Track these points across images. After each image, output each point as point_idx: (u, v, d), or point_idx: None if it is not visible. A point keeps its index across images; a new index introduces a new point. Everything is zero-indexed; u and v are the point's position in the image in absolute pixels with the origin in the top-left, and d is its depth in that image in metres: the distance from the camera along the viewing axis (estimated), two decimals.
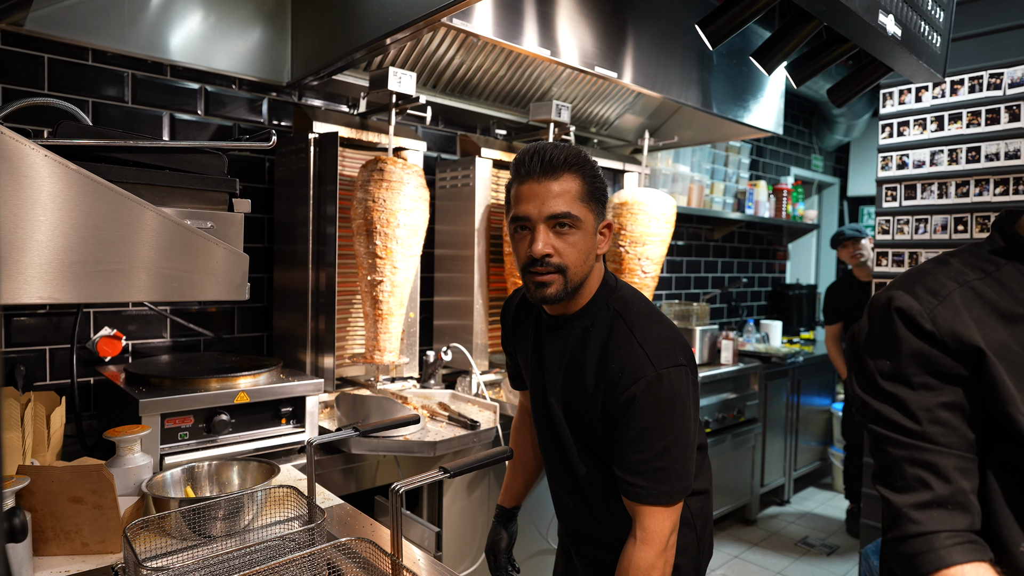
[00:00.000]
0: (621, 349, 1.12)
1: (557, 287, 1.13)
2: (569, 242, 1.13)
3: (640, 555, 1.08)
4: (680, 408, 1.09)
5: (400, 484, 0.91)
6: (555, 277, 1.13)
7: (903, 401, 0.83)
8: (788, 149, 5.30)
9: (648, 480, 1.08)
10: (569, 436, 1.24)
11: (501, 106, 2.77)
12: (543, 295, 1.14)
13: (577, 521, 1.33)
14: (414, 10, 1.66)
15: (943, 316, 0.82)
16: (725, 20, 1.57)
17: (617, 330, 1.15)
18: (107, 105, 1.95)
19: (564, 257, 1.12)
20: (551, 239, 1.12)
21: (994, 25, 2.21)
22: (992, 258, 0.89)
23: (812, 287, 5.27)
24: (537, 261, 1.12)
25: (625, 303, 1.19)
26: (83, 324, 1.90)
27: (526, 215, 1.13)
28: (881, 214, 2.50)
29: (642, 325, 1.15)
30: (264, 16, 2.20)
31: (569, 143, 1.20)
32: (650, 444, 1.08)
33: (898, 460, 0.83)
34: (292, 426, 1.76)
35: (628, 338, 1.13)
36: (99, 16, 1.88)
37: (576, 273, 1.14)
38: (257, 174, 2.25)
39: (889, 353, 0.85)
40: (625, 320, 1.16)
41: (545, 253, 1.11)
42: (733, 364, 3.59)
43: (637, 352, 1.11)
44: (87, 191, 0.98)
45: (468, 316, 2.48)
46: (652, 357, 1.10)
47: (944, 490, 0.79)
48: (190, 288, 1.11)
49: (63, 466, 1.09)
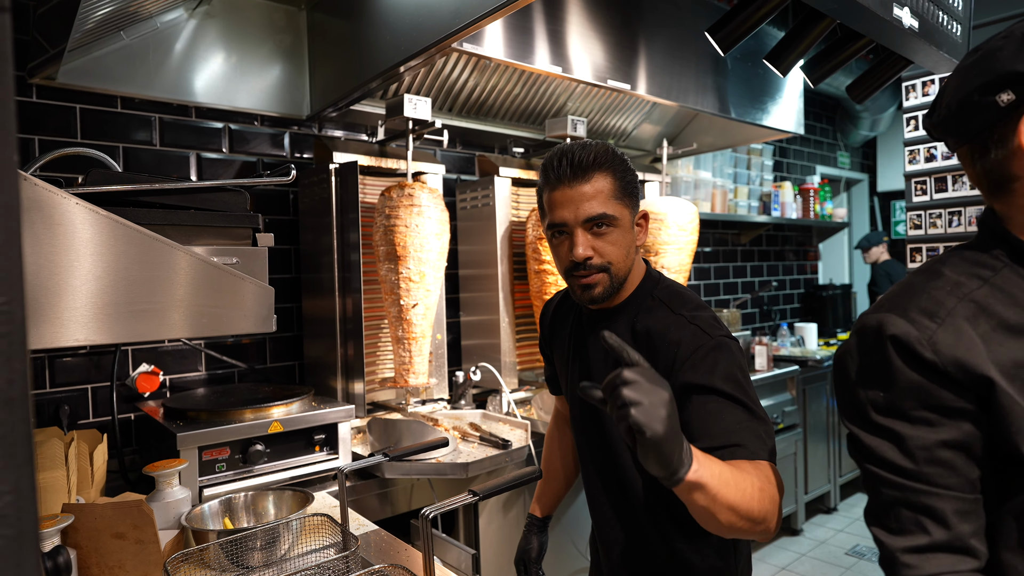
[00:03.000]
0: (672, 330, 1.10)
1: (603, 286, 1.13)
2: (609, 241, 1.12)
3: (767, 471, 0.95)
4: (744, 372, 1.05)
5: (429, 509, 0.91)
6: (600, 277, 1.13)
7: (899, 437, 0.73)
8: (812, 148, 5.22)
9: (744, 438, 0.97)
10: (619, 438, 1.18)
11: (517, 124, 2.79)
12: (591, 296, 1.14)
13: (614, 532, 1.24)
14: (425, 37, 1.69)
15: (944, 342, 0.71)
16: (734, 26, 1.57)
17: (664, 316, 1.13)
18: (137, 149, 2.02)
19: (606, 256, 1.12)
20: (590, 241, 1.11)
21: (1016, 10, 2.16)
22: (987, 261, 0.78)
23: (847, 287, 5.15)
24: (580, 264, 1.12)
25: (670, 292, 1.18)
26: (122, 361, 1.96)
27: (563, 221, 1.12)
28: (912, 208, 2.45)
29: (689, 308, 1.14)
30: (282, 53, 2.27)
31: (595, 141, 1.18)
32: (732, 408, 1.00)
33: (893, 501, 0.74)
34: (326, 453, 1.78)
35: (678, 319, 1.11)
36: (126, 65, 1.95)
37: (620, 269, 1.14)
38: (282, 206, 2.31)
39: (883, 384, 0.75)
40: (671, 307, 1.15)
41: (586, 256, 1.11)
42: (768, 370, 3.53)
43: (690, 328, 1.09)
44: (117, 235, 1.01)
45: (495, 335, 2.49)
46: (706, 329, 1.08)
47: (942, 536, 0.71)
48: (219, 323, 1.14)
49: (105, 503, 1.12)
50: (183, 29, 2.06)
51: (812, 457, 3.86)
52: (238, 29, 2.17)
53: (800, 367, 3.74)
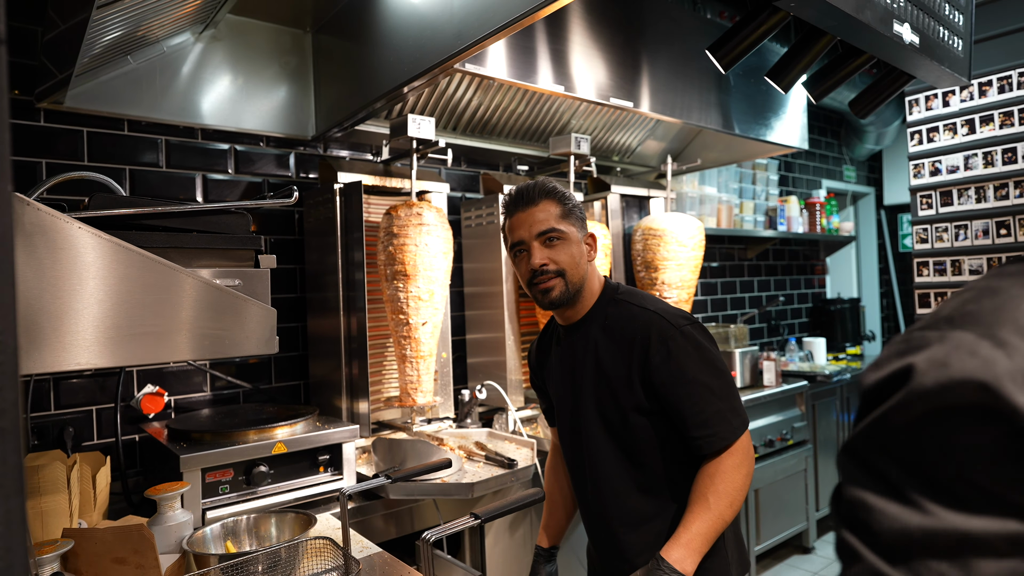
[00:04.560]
0: (638, 320, 1.30)
1: (560, 288, 1.33)
2: (559, 251, 1.33)
3: (724, 461, 1.23)
4: (709, 355, 1.26)
5: (430, 533, 0.90)
6: (556, 281, 1.33)
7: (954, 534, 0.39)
8: (817, 162, 5.22)
9: (711, 427, 1.23)
10: (600, 433, 1.34)
11: (521, 142, 2.80)
12: (550, 299, 1.34)
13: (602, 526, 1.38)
14: (428, 58, 1.71)
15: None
16: (734, 43, 1.57)
17: (629, 310, 1.34)
18: (144, 171, 2.04)
19: (559, 262, 1.33)
20: (544, 251, 1.33)
21: (1018, 24, 2.16)
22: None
23: (855, 300, 5.11)
24: (538, 272, 1.33)
25: (629, 293, 1.38)
26: (127, 382, 1.96)
27: (520, 239, 1.35)
28: (918, 223, 2.43)
29: (650, 301, 1.35)
30: (288, 75, 2.29)
31: (541, 179, 1.41)
32: (699, 395, 1.23)
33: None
34: (330, 474, 1.77)
35: (642, 312, 1.31)
36: (133, 88, 1.98)
37: (573, 274, 1.34)
38: (287, 226, 2.32)
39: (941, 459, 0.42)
40: (634, 303, 1.35)
41: (542, 263, 1.32)
42: (777, 385, 3.49)
43: (655, 318, 1.29)
44: (119, 259, 1.02)
45: (500, 352, 2.48)
46: (670, 319, 1.28)
47: None
48: (221, 345, 1.14)
49: (105, 527, 1.12)
50: (190, 53, 2.09)
51: (823, 473, 3.80)
52: (244, 52, 2.20)
53: (809, 382, 3.70)
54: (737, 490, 1.23)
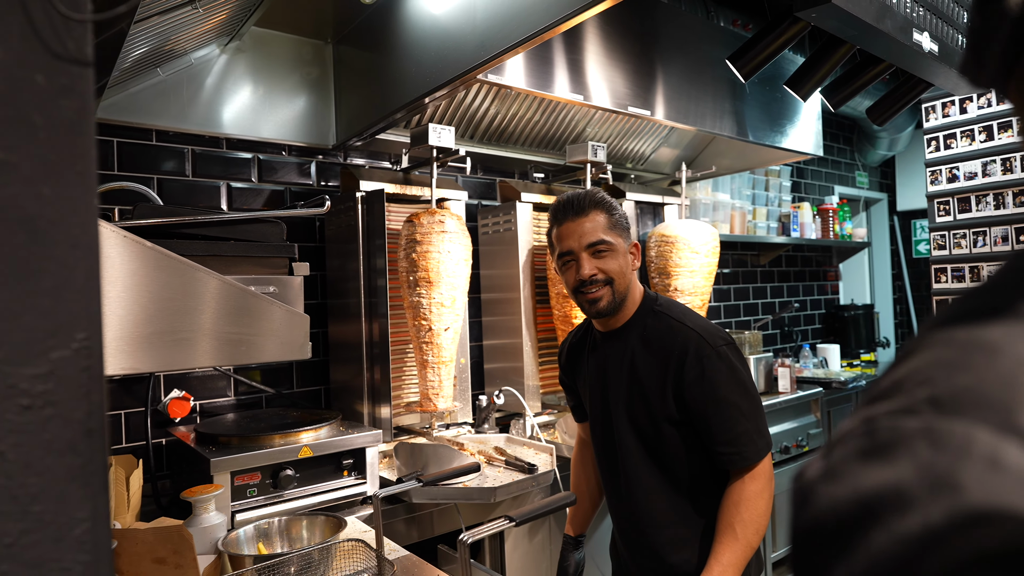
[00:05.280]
0: (678, 336, 1.33)
1: (607, 299, 1.37)
2: (608, 261, 1.37)
3: (748, 487, 1.27)
4: (741, 377, 1.30)
5: (467, 535, 0.92)
6: (604, 290, 1.36)
7: None
8: (830, 168, 5.22)
9: (736, 446, 1.27)
10: (631, 440, 1.38)
11: (537, 150, 2.83)
12: (598, 308, 1.37)
13: (632, 527, 1.43)
14: (450, 70, 1.74)
15: None
16: (754, 53, 1.60)
17: (669, 324, 1.36)
18: (170, 180, 2.08)
19: (608, 271, 1.36)
20: (593, 262, 1.36)
21: None
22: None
23: (869, 307, 5.09)
24: (586, 282, 1.36)
25: (668, 306, 1.41)
26: (153, 387, 1.99)
27: (570, 249, 1.38)
28: (935, 229, 2.44)
29: (689, 318, 1.37)
30: (309, 85, 2.33)
31: (589, 189, 1.44)
32: (727, 414, 1.27)
33: None
34: (354, 478, 1.80)
35: (682, 328, 1.34)
36: (161, 99, 2.02)
37: (620, 284, 1.37)
38: (309, 234, 2.35)
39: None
40: (673, 316, 1.37)
41: (591, 274, 1.35)
42: (791, 392, 3.49)
43: (694, 335, 1.32)
44: (161, 266, 1.05)
45: (518, 358, 2.50)
46: (708, 339, 1.31)
47: None
48: (256, 351, 1.17)
49: (145, 528, 1.15)
50: (215, 64, 2.13)
51: None
52: (267, 63, 2.24)
53: (824, 389, 3.69)
54: (761, 516, 1.29)
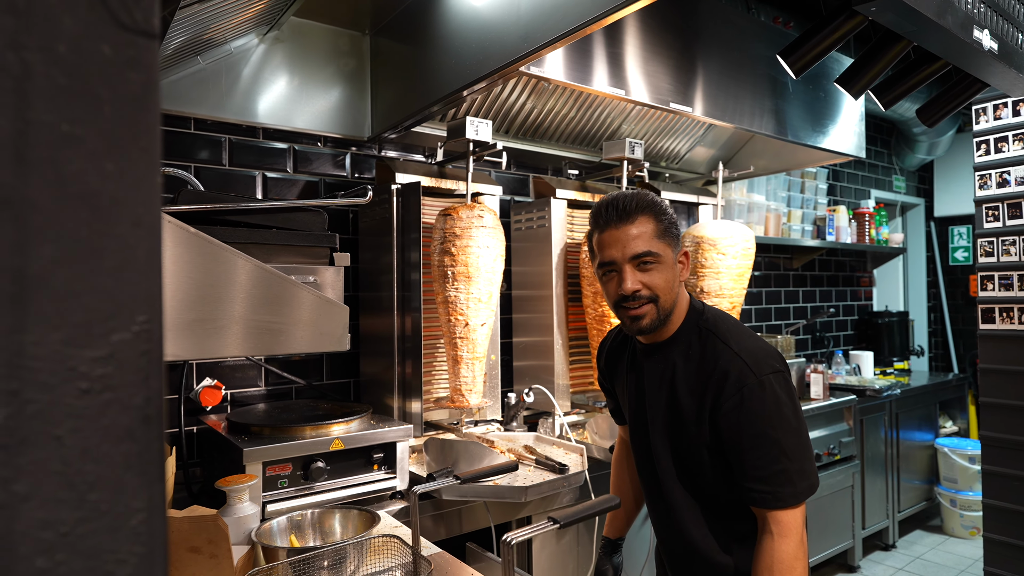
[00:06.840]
0: (720, 361, 1.20)
1: (651, 317, 1.23)
2: (654, 275, 1.23)
3: (781, 548, 1.12)
4: (786, 411, 1.16)
5: (511, 536, 0.89)
6: (648, 308, 1.23)
7: None
8: (867, 171, 5.10)
9: (771, 484, 1.13)
10: (669, 463, 1.29)
11: (571, 146, 2.79)
12: (640, 327, 1.24)
13: (674, 545, 1.35)
14: (491, 62, 1.71)
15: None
16: (807, 48, 1.54)
17: (713, 345, 1.23)
18: (207, 169, 2.09)
19: (653, 288, 1.22)
20: (638, 276, 1.22)
21: None
22: None
23: (903, 314, 4.97)
24: (629, 297, 1.22)
25: (715, 322, 1.28)
26: (187, 374, 2.00)
27: (611, 259, 1.23)
28: (982, 235, 2.35)
29: (736, 338, 1.23)
30: (345, 76, 2.32)
31: (638, 190, 1.29)
32: (765, 449, 1.14)
33: None
34: (383, 472, 1.78)
35: (725, 350, 1.21)
36: (200, 88, 2.03)
37: (666, 300, 1.24)
38: (342, 225, 2.35)
39: None
40: (719, 336, 1.24)
41: (635, 289, 1.21)
42: (824, 399, 3.41)
43: (737, 362, 1.18)
44: (204, 253, 1.04)
45: (548, 356, 2.47)
46: (752, 365, 1.17)
47: None
48: (295, 341, 1.16)
49: (181, 516, 1.14)
50: (253, 54, 2.13)
51: (870, 490, 3.70)
52: (303, 53, 2.24)
53: (858, 397, 3.61)
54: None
